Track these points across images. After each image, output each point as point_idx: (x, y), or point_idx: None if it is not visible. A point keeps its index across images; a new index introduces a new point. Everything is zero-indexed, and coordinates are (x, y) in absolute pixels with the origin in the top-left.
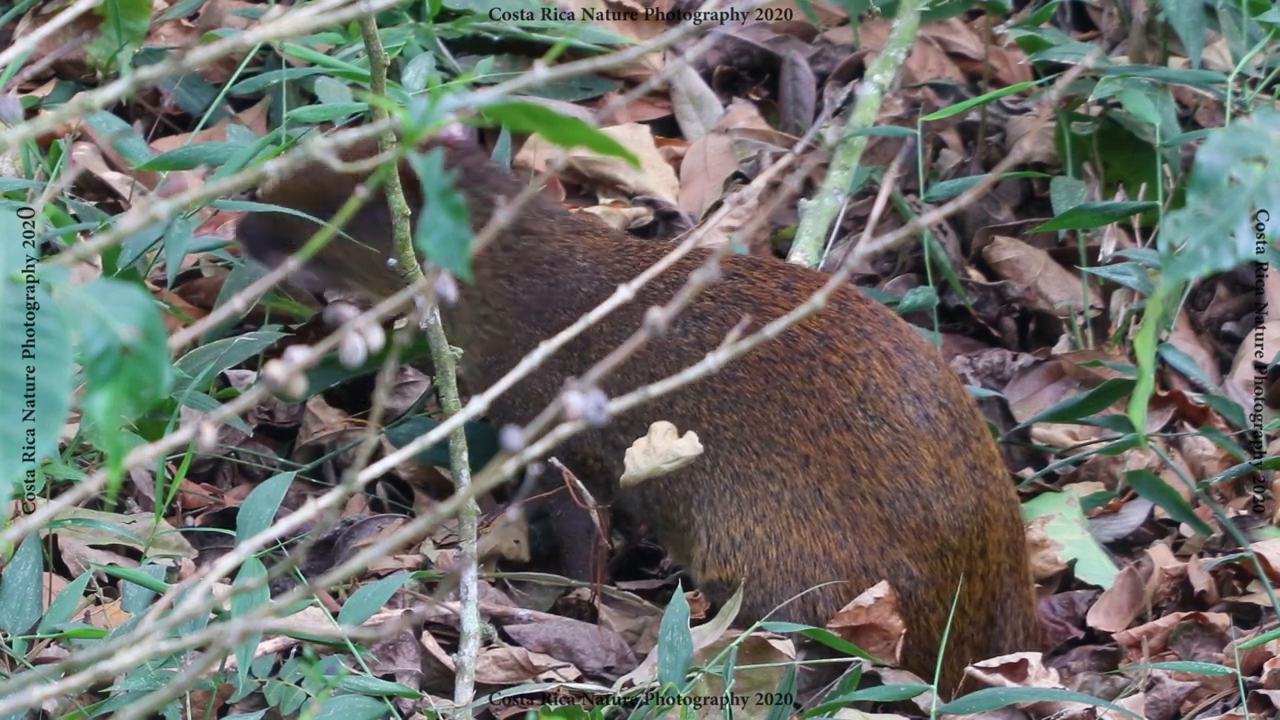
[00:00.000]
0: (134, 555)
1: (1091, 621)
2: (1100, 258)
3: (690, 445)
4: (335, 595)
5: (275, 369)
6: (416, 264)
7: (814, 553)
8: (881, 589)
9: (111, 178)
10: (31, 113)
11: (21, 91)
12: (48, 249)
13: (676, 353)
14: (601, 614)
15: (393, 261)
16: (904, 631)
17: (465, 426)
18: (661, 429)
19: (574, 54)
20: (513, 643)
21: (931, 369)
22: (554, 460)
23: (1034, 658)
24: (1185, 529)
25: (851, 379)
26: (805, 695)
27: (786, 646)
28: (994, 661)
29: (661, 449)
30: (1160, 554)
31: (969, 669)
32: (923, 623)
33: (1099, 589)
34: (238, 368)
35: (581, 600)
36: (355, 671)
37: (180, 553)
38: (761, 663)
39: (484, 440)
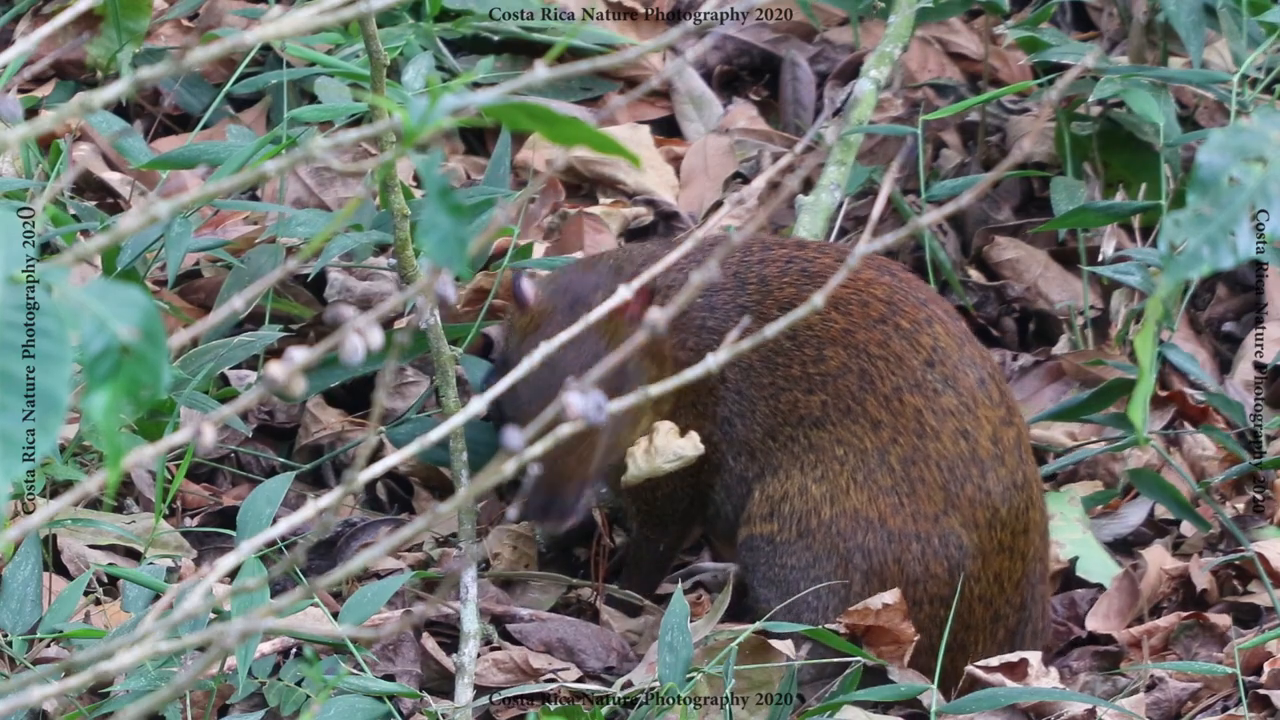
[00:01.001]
0: (134, 555)
1: (1090, 625)
2: (1100, 258)
3: (692, 445)
4: (337, 595)
5: (275, 369)
6: (416, 264)
7: (869, 516)
8: (892, 595)
9: (111, 178)
10: (31, 113)
11: (21, 91)
12: (48, 249)
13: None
14: (603, 614)
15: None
16: (916, 638)
17: (466, 427)
18: (664, 428)
19: (574, 54)
20: (514, 642)
21: (975, 339)
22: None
23: (1034, 657)
24: (1185, 529)
25: (921, 342)
26: (809, 687)
27: (786, 646)
28: (994, 661)
29: (664, 449)
30: (1160, 554)
31: (969, 668)
32: (966, 594)
33: (1100, 588)
34: (238, 368)
35: (583, 600)
36: (355, 671)
37: (180, 553)
38: (762, 662)
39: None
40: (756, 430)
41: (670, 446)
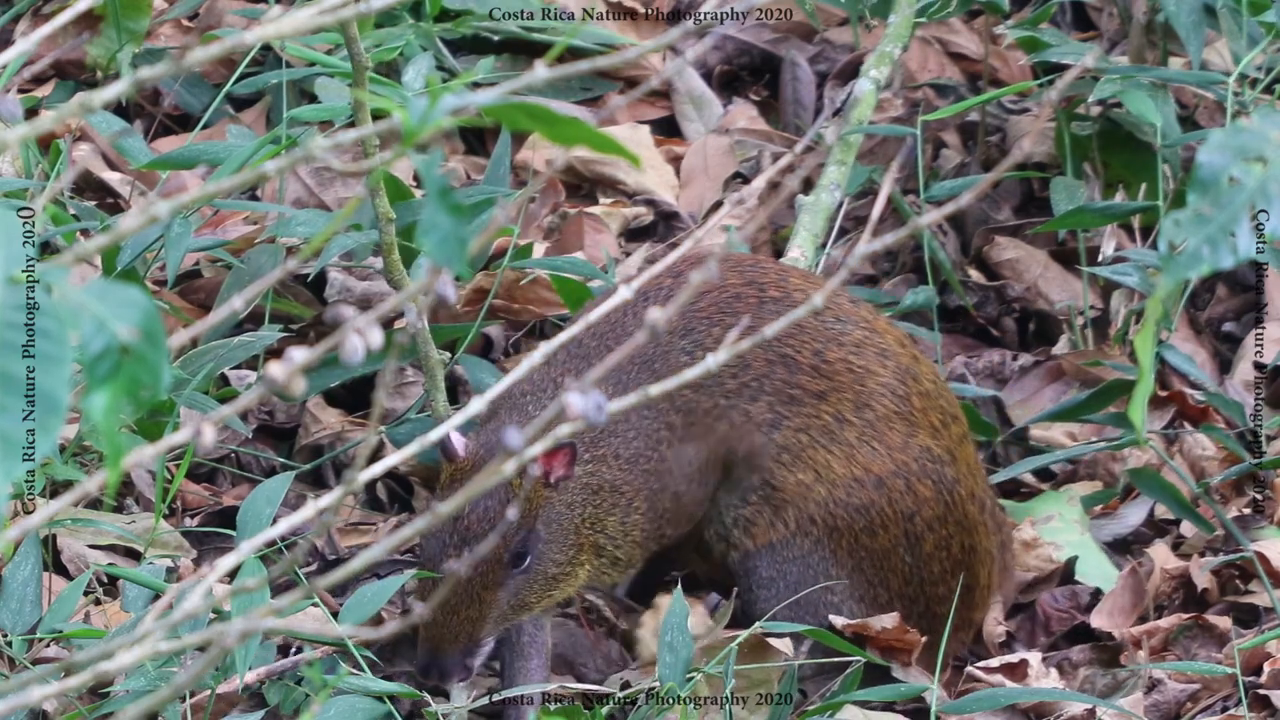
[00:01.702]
0: (133, 555)
1: (1095, 623)
2: (1100, 258)
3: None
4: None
5: (275, 369)
6: (403, 268)
7: (856, 476)
8: (890, 619)
9: (111, 178)
10: (31, 113)
11: (21, 91)
12: (48, 249)
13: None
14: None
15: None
16: (923, 641)
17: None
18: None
19: (574, 54)
20: None
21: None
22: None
23: (1034, 657)
24: (1185, 529)
25: (798, 300)
26: (811, 683)
27: (785, 645)
28: (994, 661)
29: None
30: (1161, 554)
31: (970, 668)
32: (956, 499)
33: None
34: (238, 368)
35: (589, 609)
36: (355, 671)
37: (179, 553)
38: (761, 662)
39: None
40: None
41: None
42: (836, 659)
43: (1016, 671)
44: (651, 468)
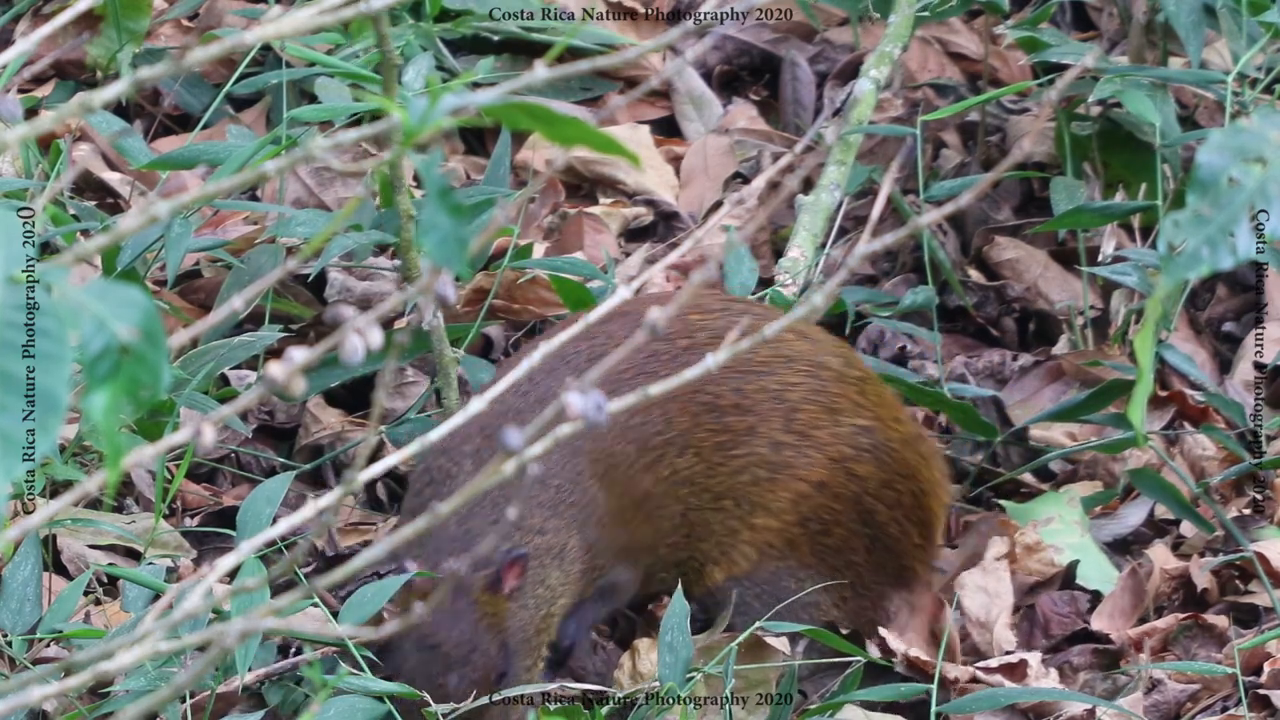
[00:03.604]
0: (133, 555)
1: (1096, 624)
2: (1100, 258)
3: None
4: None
5: (275, 369)
6: (422, 266)
7: (801, 492)
8: (913, 636)
9: (111, 178)
10: (31, 113)
11: (21, 91)
12: (48, 249)
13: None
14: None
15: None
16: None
17: None
18: (645, 645)
19: (574, 54)
20: None
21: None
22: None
23: (1033, 658)
24: (1185, 529)
25: (698, 343)
26: (809, 682)
27: (782, 644)
28: (993, 662)
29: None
30: (1160, 554)
31: (972, 669)
32: (892, 455)
33: (1097, 594)
34: (238, 368)
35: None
36: (355, 671)
37: (179, 553)
38: (759, 662)
39: None
40: (697, 526)
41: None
42: (835, 659)
43: (1016, 672)
44: (575, 500)
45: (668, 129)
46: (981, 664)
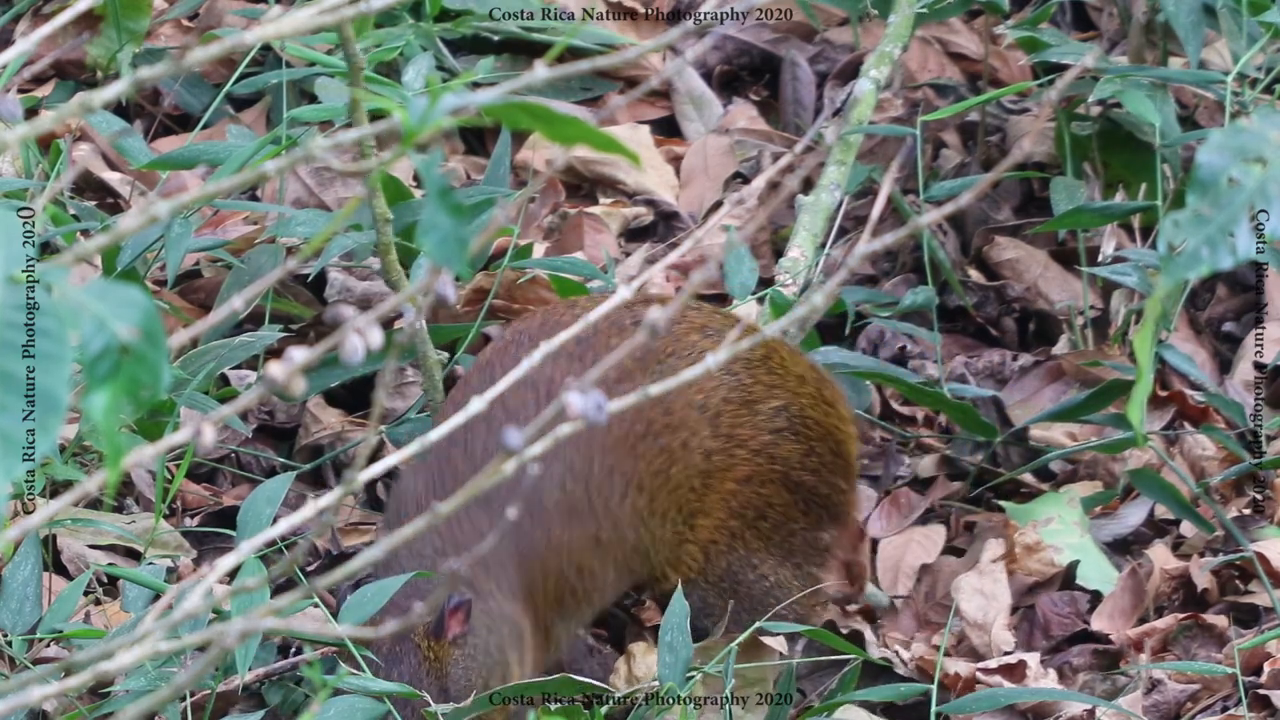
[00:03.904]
0: (133, 555)
1: (1096, 625)
2: (1100, 258)
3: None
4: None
5: (275, 369)
6: (400, 269)
7: (730, 489)
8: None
9: (111, 178)
10: (31, 113)
11: (21, 91)
12: (48, 249)
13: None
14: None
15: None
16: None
17: None
18: (640, 649)
19: (574, 54)
20: None
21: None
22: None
23: (1032, 658)
24: (1185, 529)
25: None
26: (806, 681)
27: (779, 644)
28: (992, 662)
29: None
30: (1161, 554)
31: (972, 670)
32: (807, 422)
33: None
34: (238, 368)
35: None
36: (355, 671)
37: (180, 553)
38: (758, 661)
39: None
40: (654, 548)
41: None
42: (833, 658)
43: (1014, 673)
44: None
45: (668, 129)
46: (980, 665)
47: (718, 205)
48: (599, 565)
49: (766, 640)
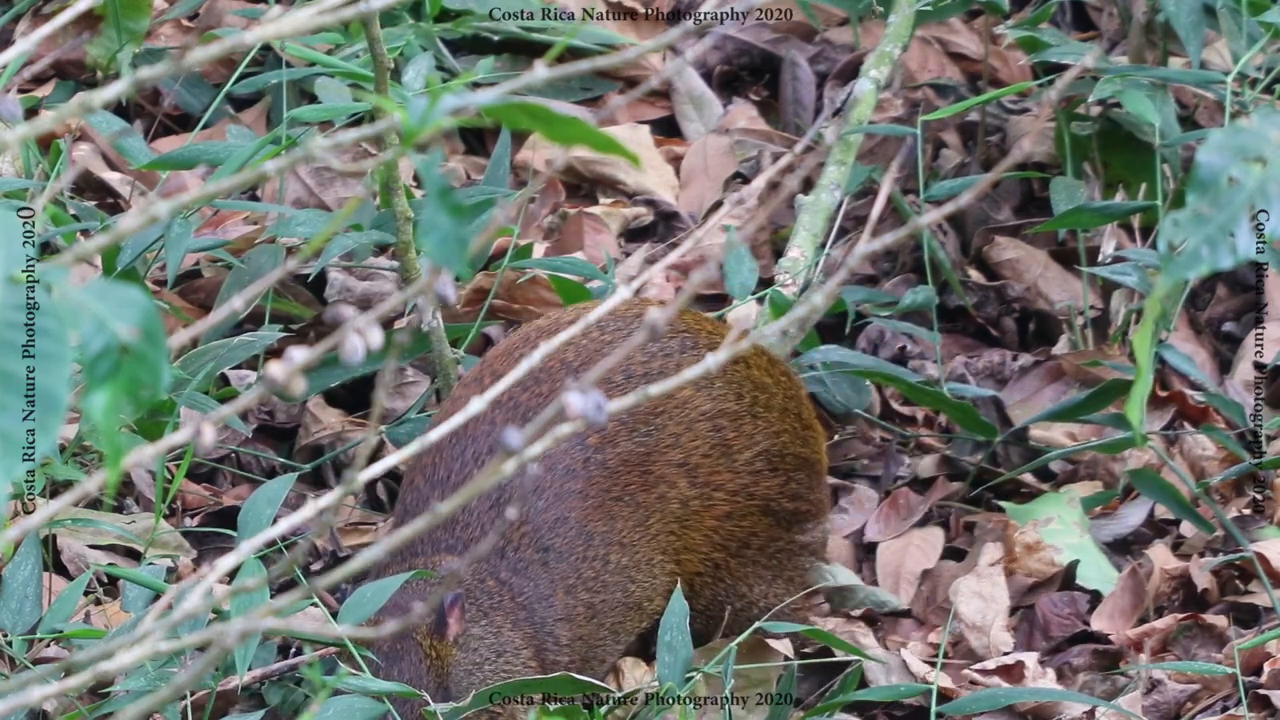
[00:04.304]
0: (133, 555)
1: (1096, 625)
2: (1100, 258)
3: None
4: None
5: (275, 369)
6: (419, 266)
7: (711, 525)
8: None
9: (111, 178)
10: (31, 113)
11: (21, 91)
12: (48, 249)
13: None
14: None
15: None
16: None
17: None
18: (629, 664)
19: (574, 54)
20: None
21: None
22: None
23: (1030, 658)
24: (1185, 529)
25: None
26: (800, 683)
27: (784, 646)
28: (991, 663)
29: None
30: (1160, 554)
31: (970, 672)
32: (784, 451)
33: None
34: (238, 368)
35: None
36: (355, 671)
37: (180, 553)
38: (759, 662)
39: None
40: (650, 577)
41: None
42: (832, 659)
43: (1013, 673)
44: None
45: (668, 129)
46: (978, 665)
47: (718, 205)
48: (594, 631)
49: (771, 643)
